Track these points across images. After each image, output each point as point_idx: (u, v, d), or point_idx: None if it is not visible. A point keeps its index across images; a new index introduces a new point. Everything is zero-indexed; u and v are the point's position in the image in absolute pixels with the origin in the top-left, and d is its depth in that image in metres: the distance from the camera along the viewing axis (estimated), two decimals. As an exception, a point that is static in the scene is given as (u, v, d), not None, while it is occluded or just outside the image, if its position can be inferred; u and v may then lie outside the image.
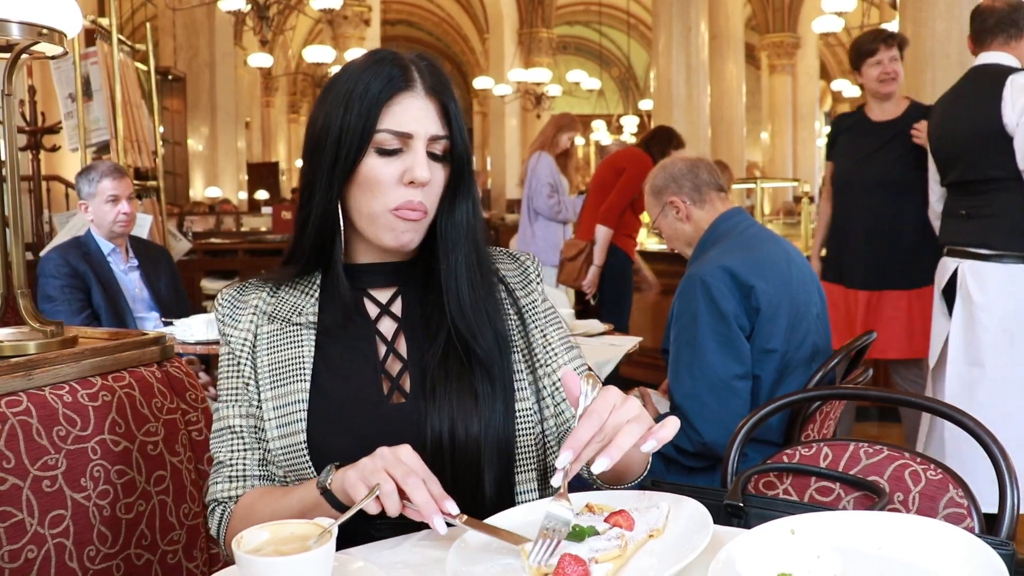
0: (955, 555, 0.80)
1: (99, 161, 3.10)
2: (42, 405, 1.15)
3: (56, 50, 1.33)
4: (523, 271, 1.19)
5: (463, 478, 1.03)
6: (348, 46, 11.31)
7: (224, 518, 1.08)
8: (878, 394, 1.54)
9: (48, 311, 2.73)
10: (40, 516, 1.12)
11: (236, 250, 7.23)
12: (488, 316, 1.09)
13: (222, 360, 1.13)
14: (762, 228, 2.10)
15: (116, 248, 2.98)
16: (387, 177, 1.04)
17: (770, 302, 1.89)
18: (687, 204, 2.09)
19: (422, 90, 1.05)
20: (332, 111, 1.05)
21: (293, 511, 0.98)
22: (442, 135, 1.06)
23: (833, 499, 1.29)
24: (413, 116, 1.04)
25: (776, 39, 14.06)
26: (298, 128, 20.30)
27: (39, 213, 5.66)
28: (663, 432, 0.85)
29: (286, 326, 1.11)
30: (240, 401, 1.10)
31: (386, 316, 1.12)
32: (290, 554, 0.76)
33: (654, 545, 0.88)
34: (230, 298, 1.14)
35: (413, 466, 0.90)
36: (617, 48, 19.90)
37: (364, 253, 1.13)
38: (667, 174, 2.12)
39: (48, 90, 5.88)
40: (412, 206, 1.05)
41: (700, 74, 8.11)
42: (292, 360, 1.08)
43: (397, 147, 1.04)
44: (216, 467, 1.10)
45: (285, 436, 1.05)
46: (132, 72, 4.38)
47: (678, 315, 1.96)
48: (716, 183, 2.11)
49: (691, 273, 1.95)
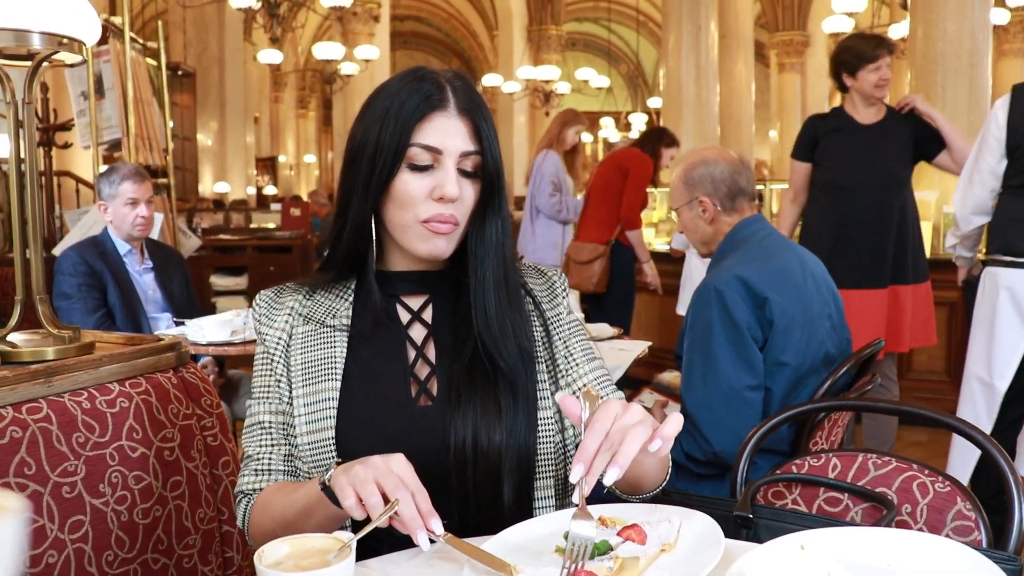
0: (961, 572, 0.81)
1: (121, 163, 3.11)
2: (62, 412, 1.17)
3: (75, 59, 1.35)
4: (550, 285, 1.23)
5: (483, 484, 1.06)
6: (357, 42, 11.33)
7: (248, 509, 1.13)
8: (887, 406, 1.55)
9: (64, 308, 2.76)
10: (60, 522, 1.14)
11: (245, 246, 7.26)
12: (513, 330, 1.13)
13: (257, 359, 1.18)
14: (779, 237, 2.08)
15: (132, 249, 3.00)
16: (418, 192, 1.09)
17: (783, 315, 1.88)
18: (716, 208, 2.06)
19: (455, 109, 1.10)
20: (369, 127, 1.10)
21: (299, 505, 1.01)
22: (472, 151, 1.10)
23: (841, 510, 1.30)
24: (445, 133, 1.09)
25: (786, 37, 14.01)
26: (306, 124, 20.35)
27: (51, 210, 5.70)
28: (667, 429, 0.86)
29: (320, 328, 1.15)
30: (271, 398, 1.15)
31: (417, 322, 1.17)
32: (311, 568, 0.78)
33: (666, 559, 0.89)
34: (267, 299, 1.20)
35: (404, 478, 0.91)
36: (626, 45, 19.87)
37: (398, 261, 1.18)
38: (707, 172, 2.05)
39: (60, 87, 5.91)
40: (442, 219, 1.09)
41: (709, 73, 8.09)
42: (325, 360, 1.13)
43: (428, 163, 1.09)
44: (245, 461, 1.15)
45: (314, 432, 1.10)
46: (143, 69, 4.40)
47: (692, 323, 1.94)
48: (751, 192, 2.07)
49: (706, 282, 1.94)
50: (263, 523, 1.09)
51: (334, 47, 11.11)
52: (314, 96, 20.11)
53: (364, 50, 11.00)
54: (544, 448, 1.11)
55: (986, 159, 2.82)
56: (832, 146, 3.33)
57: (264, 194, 14.05)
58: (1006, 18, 9.93)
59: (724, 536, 0.88)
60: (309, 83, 19.30)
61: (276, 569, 0.78)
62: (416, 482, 0.92)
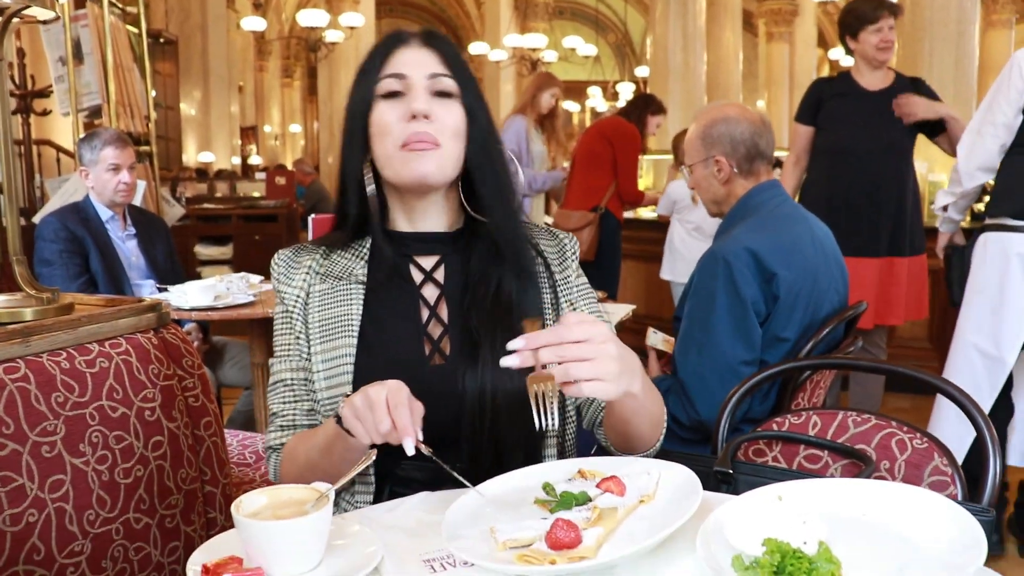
0: (936, 521, 0.83)
1: (102, 128, 3.08)
2: (40, 371, 1.16)
3: (48, 14, 1.32)
4: (560, 247, 1.26)
5: (493, 437, 1.09)
6: (342, 10, 11.17)
7: (277, 463, 1.17)
8: (868, 364, 1.56)
9: (45, 275, 2.74)
10: (40, 481, 1.13)
11: (230, 216, 7.21)
12: (521, 232, 1.18)
13: (277, 318, 1.22)
14: (793, 206, 2.02)
15: (114, 215, 2.97)
16: (392, 117, 1.12)
17: (790, 291, 1.84)
18: (732, 170, 1.98)
19: (418, 42, 1.16)
20: (351, 89, 1.17)
21: (320, 446, 1.06)
22: (441, 72, 1.14)
23: (821, 467, 1.31)
24: (409, 61, 1.14)
25: (774, 6, 13.92)
26: (291, 93, 20.12)
27: (31, 178, 5.63)
28: (582, 388, 0.86)
29: (337, 283, 1.19)
30: (292, 356, 1.19)
31: (429, 282, 1.19)
32: (288, 518, 0.78)
33: (645, 510, 0.90)
34: (285, 259, 1.23)
35: (399, 397, 0.93)
36: (614, 14, 19.70)
37: (407, 221, 1.21)
38: (727, 131, 1.97)
39: (37, 53, 5.81)
40: (419, 137, 1.11)
41: (697, 41, 8.05)
42: (341, 316, 1.16)
43: (398, 89, 1.13)
44: (271, 418, 1.20)
45: (332, 388, 1.13)
46: (123, 35, 4.33)
47: (695, 290, 1.90)
48: (770, 156, 2.00)
49: (714, 250, 1.88)
50: (291, 471, 1.13)
51: (319, 14, 10.96)
52: (299, 65, 19.86)
53: (349, 17, 10.85)
54: None
55: (1003, 110, 2.59)
56: (836, 111, 3.29)
57: (249, 164, 13.92)
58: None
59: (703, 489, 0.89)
60: (294, 51, 19.05)
61: (254, 519, 0.78)
62: (409, 396, 0.94)
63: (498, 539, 0.84)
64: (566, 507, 0.88)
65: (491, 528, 0.86)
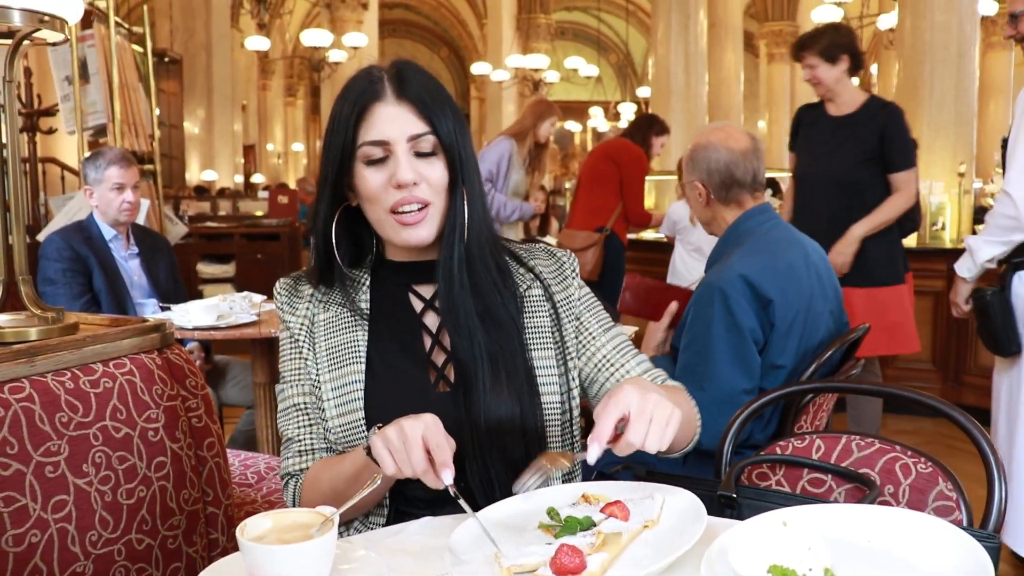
0: (942, 548, 0.82)
1: (107, 148, 3.08)
2: (44, 391, 1.16)
3: (57, 37, 1.33)
4: (559, 266, 1.25)
5: (495, 461, 1.10)
6: (346, 30, 11.25)
7: (297, 489, 1.16)
8: (871, 388, 1.56)
9: (48, 294, 2.74)
10: (43, 501, 1.13)
11: (232, 234, 7.21)
12: (479, 312, 1.13)
13: (283, 345, 1.21)
14: (787, 229, 2.02)
15: (118, 234, 2.98)
16: (377, 184, 1.11)
17: (784, 318, 1.84)
18: (709, 196, 2.01)
19: (392, 96, 1.10)
20: (326, 133, 1.14)
21: (347, 474, 1.05)
22: (421, 132, 1.10)
23: (825, 491, 1.30)
24: (386, 122, 1.10)
25: (775, 27, 14.01)
26: (294, 112, 20.23)
27: (35, 196, 5.65)
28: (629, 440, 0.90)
29: (341, 311, 1.18)
30: (303, 380, 1.18)
31: (430, 311, 1.19)
32: (293, 542, 0.78)
33: (649, 535, 0.89)
34: (287, 287, 1.22)
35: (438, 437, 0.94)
36: (615, 35, 19.83)
37: (399, 251, 1.20)
38: (705, 157, 2.00)
39: (44, 72, 5.85)
40: (407, 202, 1.10)
41: (698, 62, 8.09)
42: (348, 344, 1.16)
43: (381, 155, 1.10)
44: (286, 444, 1.18)
45: (344, 415, 1.13)
46: (129, 55, 4.36)
47: (692, 321, 1.90)
48: (751, 184, 1.99)
49: (710, 280, 1.88)
50: (314, 499, 1.11)
51: (322, 34, 11.04)
52: (302, 84, 19.99)
53: (352, 37, 10.92)
54: (551, 426, 1.15)
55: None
56: (805, 137, 3.27)
57: (252, 182, 13.97)
58: (994, 10, 9.96)
59: (707, 514, 0.89)
60: (297, 71, 19.18)
61: (258, 543, 0.78)
62: (442, 432, 0.94)
63: (502, 564, 0.83)
64: (570, 532, 0.88)
65: (495, 553, 0.86)
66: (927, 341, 4.54)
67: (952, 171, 4.86)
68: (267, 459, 2.18)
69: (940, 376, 4.57)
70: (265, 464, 2.14)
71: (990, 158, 7.37)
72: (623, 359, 1.21)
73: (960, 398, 4.41)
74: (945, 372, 4.57)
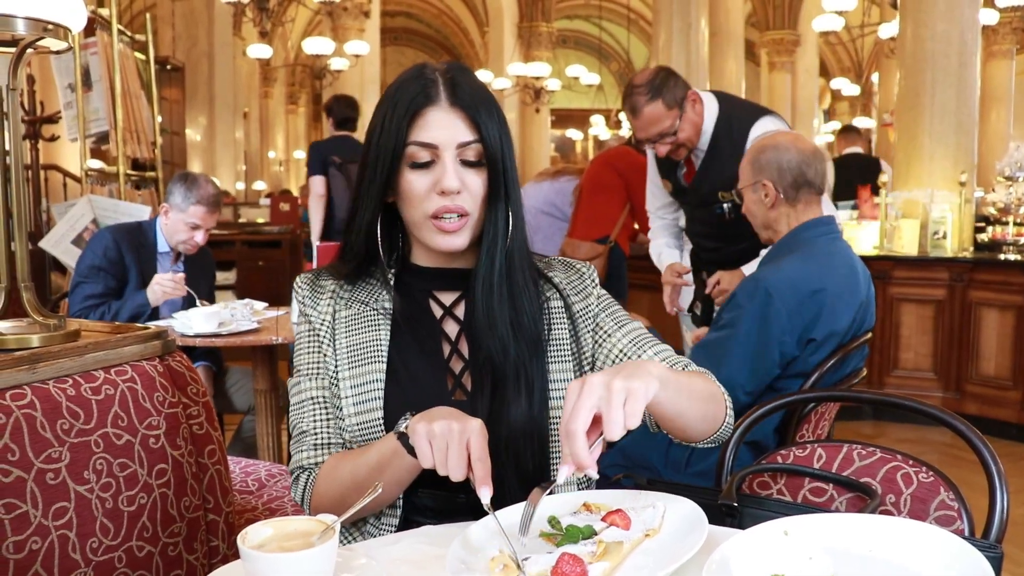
0: (944, 558, 0.82)
1: (204, 180, 2.97)
2: (46, 398, 1.16)
3: (60, 45, 1.34)
4: (579, 277, 1.25)
5: (509, 472, 1.09)
6: (347, 38, 11.28)
7: (309, 483, 1.14)
8: (872, 397, 1.56)
9: (77, 281, 2.77)
10: (44, 508, 1.13)
11: (234, 241, 7.23)
12: (512, 322, 1.14)
13: (300, 338, 1.20)
14: (843, 246, 2.04)
15: (169, 252, 2.98)
16: (421, 189, 1.11)
17: (824, 338, 1.88)
18: (779, 195, 2.02)
19: (446, 102, 1.10)
20: (373, 130, 1.13)
21: (372, 463, 1.04)
22: (470, 140, 1.10)
23: (826, 500, 1.30)
24: (439, 127, 1.10)
25: (776, 36, 14.04)
26: (296, 119, 20.26)
27: (37, 203, 5.66)
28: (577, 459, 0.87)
29: (364, 309, 1.19)
30: (321, 374, 1.18)
31: (449, 318, 1.19)
32: (294, 550, 0.78)
33: (650, 544, 0.89)
34: (308, 282, 1.22)
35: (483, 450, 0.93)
36: (617, 43, 19.86)
37: (426, 256, 1.20)
38: (775, 158, 2.02)
39: (47, 79, 5.87)
40: (449, 211, 1.10)
41: (700, 71, 8.10)
42: (370, 342, 1.16)
43: (428, 159, 1.10)
44: (299, 437, 1.17)
45: (362, 412, 1.13)
46: (131, 62, 4.37)
47: (731, 305, 1.92)
48: (819, 186, 2.02)
49: (759, 276, 1.91)
50: (329, 491, 1.11)
51: (324, 42, 11.07)
52: (304, 91, 20.02)
53: (354, 45, 10.95)
54: (557, 435, 1.13)
55: None
56: None
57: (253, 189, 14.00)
58: (995, 19, 9.99)
59: (708, 523, 0.89)
60: (299, 78, 19.21)
61: (259, 550, 0.78)
62: (482, 451, 0.93)
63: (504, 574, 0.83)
64: (571, 541, 0.88)
65: (496, 561, 0.86)
66: (928, 350, 4.54)
67: (953, 180, 4.86)
68: (268, 466, 2.18)
69: (941, 385, 4.57)
70: (266, 471, 2.14)
71: (991, 167, 7.38)
72: (639, 351, 1.20)
73: (961, 407, 4.41)
74: (946, 381, 4.56)
